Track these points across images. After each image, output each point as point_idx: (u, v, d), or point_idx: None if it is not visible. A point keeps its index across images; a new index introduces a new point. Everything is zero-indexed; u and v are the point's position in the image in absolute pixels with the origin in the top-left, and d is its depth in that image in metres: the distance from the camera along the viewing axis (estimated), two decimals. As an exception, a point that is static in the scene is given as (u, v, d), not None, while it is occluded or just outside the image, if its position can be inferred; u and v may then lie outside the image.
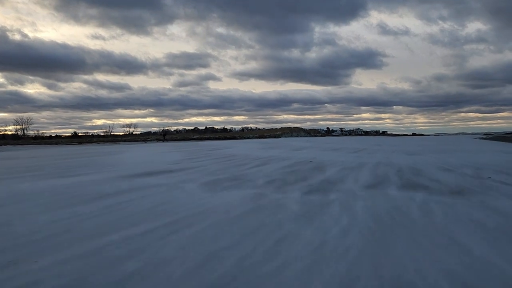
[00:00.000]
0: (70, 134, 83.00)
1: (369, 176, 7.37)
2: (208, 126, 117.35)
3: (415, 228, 3.47)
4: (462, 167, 8.78)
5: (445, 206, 4.42)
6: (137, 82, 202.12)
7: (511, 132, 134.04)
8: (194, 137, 67.41)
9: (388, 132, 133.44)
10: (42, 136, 66.49)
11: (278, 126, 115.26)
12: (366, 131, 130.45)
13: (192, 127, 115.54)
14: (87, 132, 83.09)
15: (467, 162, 10.16)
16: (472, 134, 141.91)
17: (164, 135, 53.03)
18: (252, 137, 70.49)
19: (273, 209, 4.36)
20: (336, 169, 8.79)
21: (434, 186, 5.99)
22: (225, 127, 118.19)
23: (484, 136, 76.57)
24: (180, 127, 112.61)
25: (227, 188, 5.99)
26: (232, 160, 11.82)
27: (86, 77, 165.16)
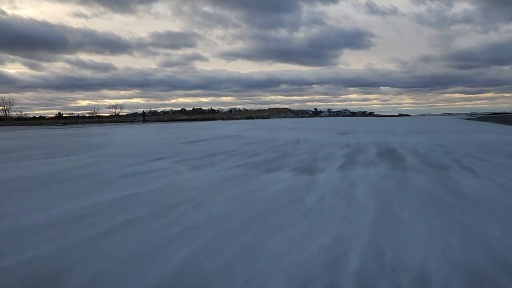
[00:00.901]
0: (54, 115, 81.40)
1: (345, 152, 7.53)
2: (195, 107, 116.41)
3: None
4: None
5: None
6: (121, 62, 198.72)
7: (494, 113, 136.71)
8: (182, 118, 66.85)
9: (375, 113, 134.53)
10: (26, 117, 65.05)
11: (266, 107, 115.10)
12: (353, 112, 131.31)
13: (179, 108, 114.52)
14: (72, 113, 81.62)
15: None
16: (457, 114, 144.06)
17: (144, 116, 51.78)
18: (240, 118, 70.30)
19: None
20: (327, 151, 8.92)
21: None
22: (213, 108, 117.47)
23: (468, 117, 77.95)
24: (167, 108, 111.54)
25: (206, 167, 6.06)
26: (218, 143, 11.85)
27: (68, 56, 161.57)
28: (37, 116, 75.63)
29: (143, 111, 57.76)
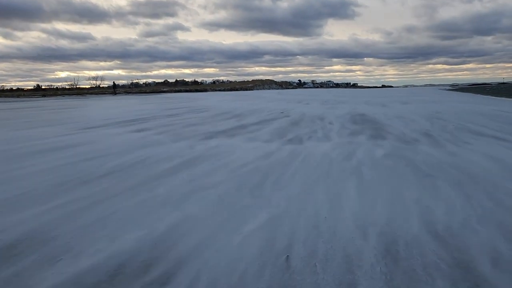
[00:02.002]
0: (33, 87, 78.95)
1: (326, 123, 7.64)
2: (178, 79, 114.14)
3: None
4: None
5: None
6: (100, 32, 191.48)
7: (475, 84, 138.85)
8: (164, 89, 65.81)
9: (358, 84, 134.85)
10: (3, 89, 63.10)
11: (250, 78, 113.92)
12: (337, 84, 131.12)
13: (162, 80, 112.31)
14: (51, 85, 79.23)
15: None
16: (439, 85, 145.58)
17: (114, 88, 49.67)
18: (224, 90, 69.65)
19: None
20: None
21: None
22: (196, 79, 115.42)
23: (450, 88, 79.05)
24: (150, 80, 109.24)
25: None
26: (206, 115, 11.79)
27: (44, 25, 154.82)
28: (14, 88, 73.40)
29: (114, 82, 55.58)
